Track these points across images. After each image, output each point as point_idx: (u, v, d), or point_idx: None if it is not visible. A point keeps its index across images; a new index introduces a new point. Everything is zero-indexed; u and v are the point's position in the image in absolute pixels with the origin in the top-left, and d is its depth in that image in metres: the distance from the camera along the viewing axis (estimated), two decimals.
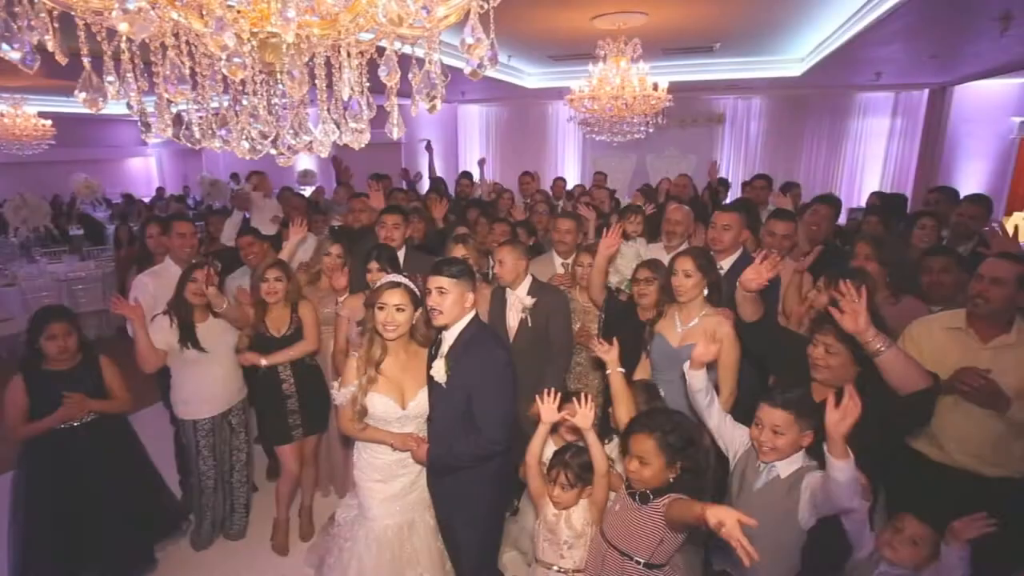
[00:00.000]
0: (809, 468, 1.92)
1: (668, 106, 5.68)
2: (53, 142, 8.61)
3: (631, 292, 3.01)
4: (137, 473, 2.96)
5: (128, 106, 1.09)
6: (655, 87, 5.45)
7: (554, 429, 2.35)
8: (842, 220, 5.83)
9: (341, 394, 2.31)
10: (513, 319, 3.04)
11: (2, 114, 7.95)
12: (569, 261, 3.53)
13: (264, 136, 1.12)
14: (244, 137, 1.12)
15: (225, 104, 1.14)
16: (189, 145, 1.16)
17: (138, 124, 1.14)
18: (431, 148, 6.91)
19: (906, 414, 2.01)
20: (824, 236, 3.78)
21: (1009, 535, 2.24)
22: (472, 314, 2.25)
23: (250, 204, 5.38)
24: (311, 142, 1.19)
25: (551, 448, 2.46)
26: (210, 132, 1.14)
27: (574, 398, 2.20)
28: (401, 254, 3.47)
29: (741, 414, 2.21)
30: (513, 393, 2.24)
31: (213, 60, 1.06)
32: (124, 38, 1.02)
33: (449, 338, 2.23)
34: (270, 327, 3.03)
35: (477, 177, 7.12)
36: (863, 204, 7.16)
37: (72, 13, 0.98)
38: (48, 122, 8.42)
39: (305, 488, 3.39)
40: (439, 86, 1.13)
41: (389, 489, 2.39)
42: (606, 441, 2.38)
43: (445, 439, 2.23)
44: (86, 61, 1.03)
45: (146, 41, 1.03)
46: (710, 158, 8.69)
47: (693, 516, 1.69)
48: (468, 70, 1.11)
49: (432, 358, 2.29)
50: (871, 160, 9.54)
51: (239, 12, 1.04)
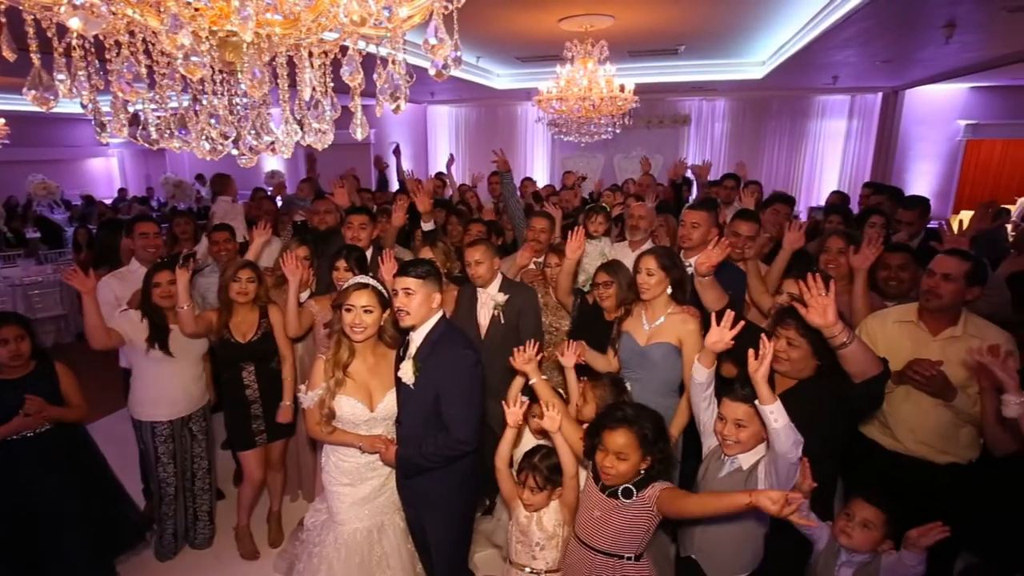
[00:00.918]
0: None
1: (635, 107, 5.78)
2: (7, 141, 8.25)
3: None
4: (94, 484, 2.86)
5: (82, 105, 1.06)
6: (622, 88, 5.54)
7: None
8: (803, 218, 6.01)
9: (308, 397, 2.28)
10: (484, 317, 3.05)
11: None
12: (541, 260, 3.55)
13: (225, 137, 1.10)
14: (204, 138, 1.09)
15: (185, 104, 1.12)
16: (147, 146, 1.13)
17: (92, 124, 1.11)
18: (399, 152, 6.86)
19: (862, 398, 2.08)
20: (782, 232, 3.92)
21: (956, 518, 2.37)
22: (439, 314, 2.24)
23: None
24: (273, 143, 1.17)
25: (531, 443, 2.48)
26: (168, 132, 1.11)
27: (542, 402, 2.23)
28: (368, 255, 3.44)
29: None
30: (481, 393, 2.25)
31: (171, 59, 1.03)
32: (75, 34, 0.99)
33: (417, 339, 2.22)
34: (235, 332, 2.96)
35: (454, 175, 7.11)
36: (822, 203, 7.39)
37: (20, 8, 0.95)
38: (1, 121, 8.06)
39: (273, 493, 3.33)
40: (403, 87, 1.12)
41: (358, 492, 2.37)
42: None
43: (414, 440, 2.22)
44: (35, 58, 1.00)
45: (100, 38, 1.00)
46: (676, 158, 8.83)
47: (735, 506, 1.71)
48: (433, 71, 1.12)
49: (400, 359, 2.28)
50: (829, 160, 9.88)
51: (197, 10, 1.02)
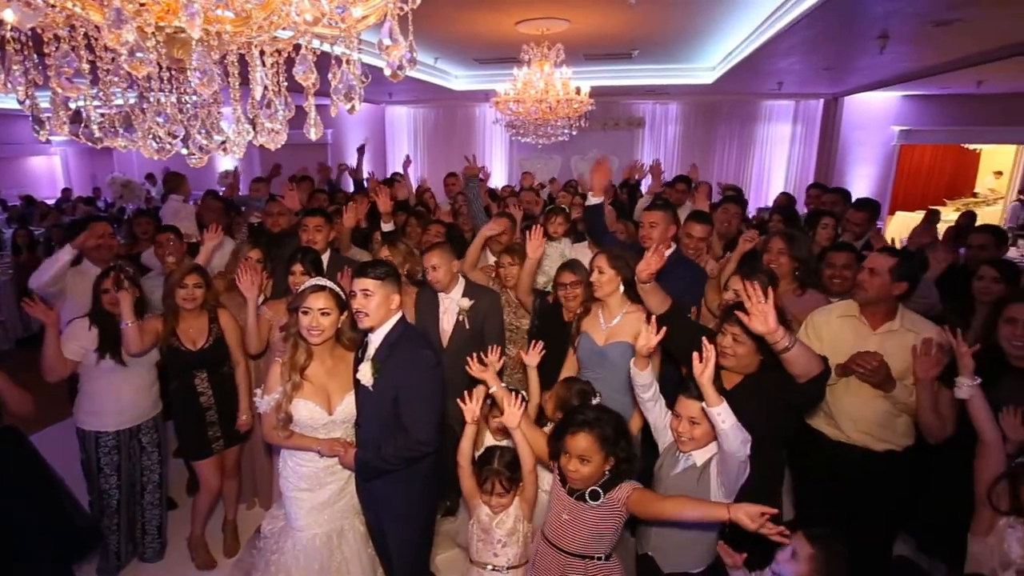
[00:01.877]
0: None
1: (591, 110, 5.88)
2: None
3: (557, 294, 3.10)
4: (46, 492, 2.70)
5: (18, 101, 1.01)
6: (578, 91, 5.62)
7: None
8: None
9: (264, 402, 2.24)
10: (448, 322, 3.03)
11: None
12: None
13: (173, 136, 1.07)
14: (151, 136, 1.06)
15: (131, 101, 1.08)
16: (91, 144, 1.09)
17: (30, 121, 1.06)
18: (362, 151, 6.77)
19: (805, 396, 2.17)
20: (735, 231, 4.14)
21: (893, 501, 2.52)
22: (398, 316, 2.23)
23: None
24: (224, 142, 1.15)
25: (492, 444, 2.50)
26: (113, 131, 1.07)
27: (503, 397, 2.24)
28: (325, 258, 3.39)
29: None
30: (441, 394, 2.25)
31: (115, 54, 1.00)
32: (10, 27, 0.95)
33: (375, 340, 2.21)
34: (183, 340, 2.85)
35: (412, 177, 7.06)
36: (770, 203, 7.70)
37: None
38: None
39: (228, 502, 3.23)
40: (357, 87, 1.12)
41: (317, 497, 2.34)
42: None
43: (373, 443, 2.20)
44: None
45: (37, 31, 0.96)
46: (631, 159, 9.03)
47: (712, 517, 1.76)
48: (388, 72, 1.12)
49: (358, 361, 2.26)
50: (776, 163, 10.29)
51: (142, 4, 0.99)
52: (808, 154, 10.10)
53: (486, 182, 6.78)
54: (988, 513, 1.91)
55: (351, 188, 6.83)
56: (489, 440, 2.65)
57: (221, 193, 6.21)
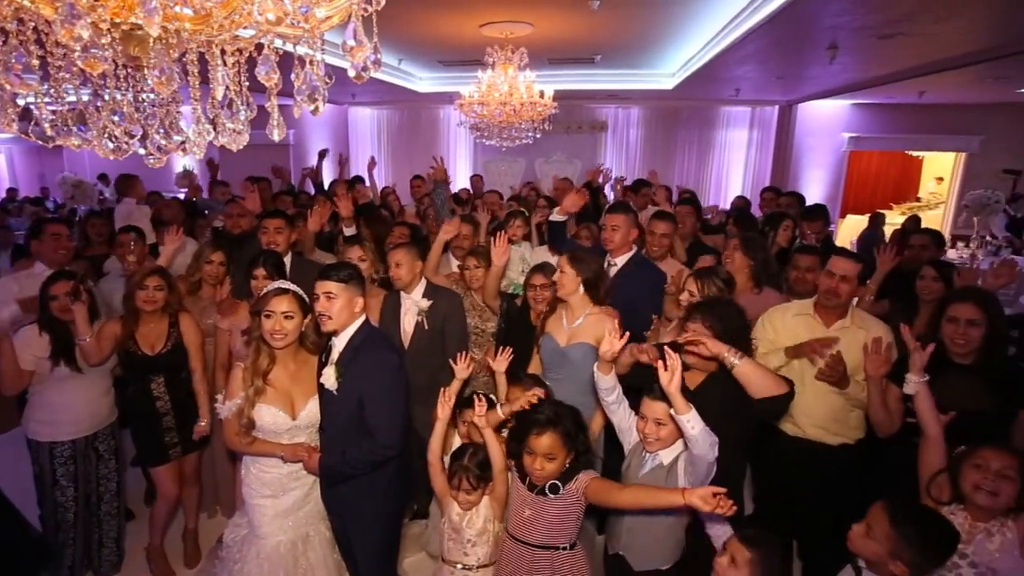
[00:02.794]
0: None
1: (554, 113, 5.95)
2: None
3: (523, 295, 3.13)
4: None
5: None
6: (541, 95, 5.68)
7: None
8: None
9: (226, 407, 2.18)
10: (409, 323, 3.03)
11: None
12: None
13: (130, 135, 1.04)
14: (107, 135, 1.03)
15: (84, 98, 1.04)
16: (41, 143, 1.05)
17: None
18: (323, 156, 6.66)
19: (762, 410, 2.12)
20: (691, 231, 4.36)
21: (847, 492, 2.63)
22: (362, 319, 2.21)
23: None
24: (184, 142, 1.12)
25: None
26: (66, 129, 1.04)
27: (475, 397, 2.26)
28: (288, 261, 3.33)
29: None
30: (406, 397, 2.24)
31: (68, 50, 0.97)
32: None
33: (339, 344, 2.18)
34: (141, 344, 2.76)
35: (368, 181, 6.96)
36: (728, 206, 7.93)
37: None
38: None
39: (188, 511, 3.14)
40: (321, 88, 1.11)
41: (281, 504, 2.29)
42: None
43: (338, 447, 2.18)
44: None
45: None
46: (595, 162, 9.15)
47: (669, 503, 1.79)
48: (352, 73, 1.11)
49: (322, 365, 2.23)
50: (734, 167, 10.60)
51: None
52: (764, 158, 10.44)
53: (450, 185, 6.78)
54: (931, 504, 2.01)
55: (311, 191, 6.71)
56: (458, 443, 2.65)
57: (182, 195, 6.02)
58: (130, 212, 5.09)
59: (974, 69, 5.75)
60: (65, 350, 2.66)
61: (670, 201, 5.67)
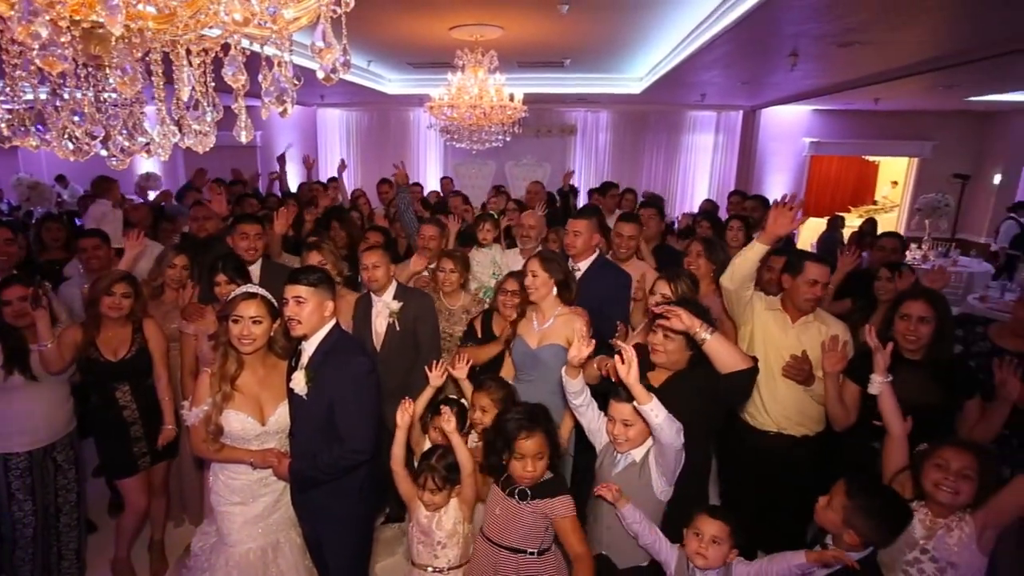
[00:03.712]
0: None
1: (524, 116, 5.97)
2: None
3: (492, 299, 3.14)
4: None
5: None
6: (511, 98, 5.71)
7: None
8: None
9: (192, 413, 2.14)
10: (380, 325, 3.02)
11: None
12: (432, 266, 3.58)
13: (92, 136, 1.01)
14: (67, 136, 1.00)
15: (42, 97, 1.01)
16: None
17: None
18: (283, 159, 6.55)
19: (728, 390, 2.26)
20: (656, 232, 4.51)
21: (808, 481, 2.72)
22: (332, 323, 2.19)
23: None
24: (148, 144, 1.10)
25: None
26: (23, 129, 1.00)
27: (441, 406, 2.27)
28: (257, 265, 3.28)
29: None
30: (377, 400, 2.23)
31: (24, 48, 0.94)
32: None
33: (309, 348, 2.16)
34: (103, 350, 2.67)
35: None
36: (695, 209, 8.09)
37: None
38: None
39: (155, 521, 3.05)
40: (290, 90, 1.10)
41: (250, 511, 2.26)
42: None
43: (308, 452, 2.15)
44: None
45: None
46: (564, 166, 9.22)
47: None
48: (321, 75, 1.11)
49: (292, 370, 2.20)
50: (700, 170, 10.82)
51: None
52: (729, 162, 10.68)
53: (421, 192, 6.78)
54: None
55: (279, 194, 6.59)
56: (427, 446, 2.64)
57: (149, 200, 5.85)
58: (103, 214, 4.93)
59: (926, 77, 6.01)
60: (19, 358, 2.56)
61: (634, 204, 5.78)
